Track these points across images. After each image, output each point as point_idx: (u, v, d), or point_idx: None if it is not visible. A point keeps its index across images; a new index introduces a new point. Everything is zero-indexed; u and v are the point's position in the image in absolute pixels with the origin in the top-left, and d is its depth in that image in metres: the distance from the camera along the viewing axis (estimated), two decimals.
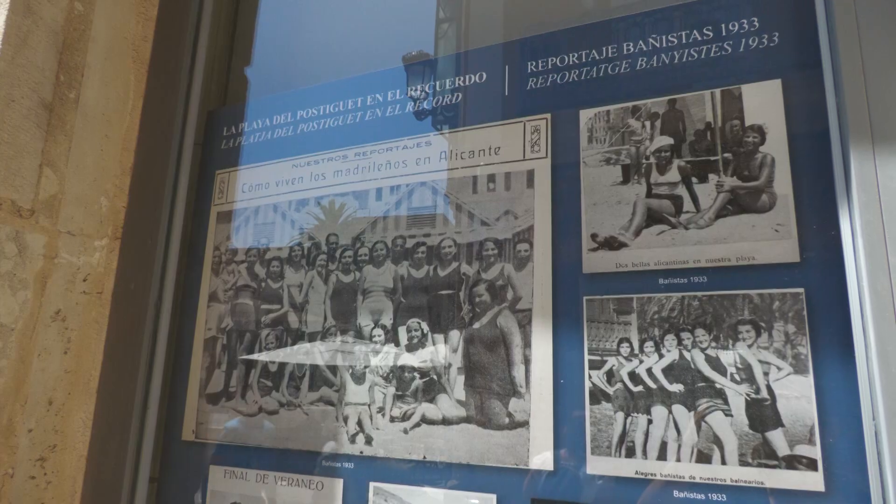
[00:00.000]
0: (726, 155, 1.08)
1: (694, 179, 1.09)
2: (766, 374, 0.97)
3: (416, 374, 1.20)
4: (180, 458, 1.41)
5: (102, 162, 1.51)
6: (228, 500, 1.32)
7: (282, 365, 1.33)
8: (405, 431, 1.18)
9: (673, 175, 1.11)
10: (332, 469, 1.23)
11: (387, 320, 1.25)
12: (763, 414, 0.96)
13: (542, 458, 1.06)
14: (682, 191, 1.09)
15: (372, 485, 1.19)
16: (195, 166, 1.58)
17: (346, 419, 1.24)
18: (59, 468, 1.35)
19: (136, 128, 1.59)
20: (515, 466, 1.08)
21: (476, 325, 1.17)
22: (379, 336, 1.25)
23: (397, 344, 1.23)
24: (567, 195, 1.17)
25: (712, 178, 1.08)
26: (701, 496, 0.97)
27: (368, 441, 1.21)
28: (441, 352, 1.19)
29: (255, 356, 1.37)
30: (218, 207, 1.54)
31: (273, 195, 1.46)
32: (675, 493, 0.98)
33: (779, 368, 0.96)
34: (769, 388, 0.96)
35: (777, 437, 0.94)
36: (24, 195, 1.34)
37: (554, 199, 1.17)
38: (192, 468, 1.39)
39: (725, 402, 0.98)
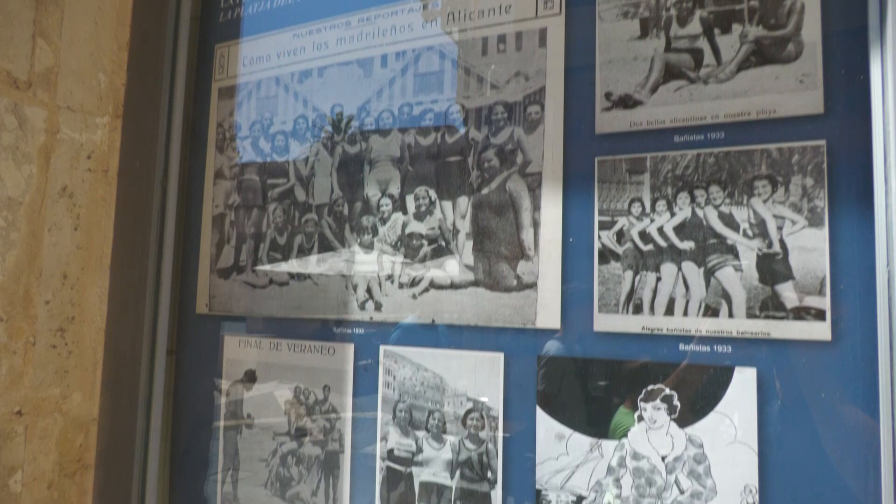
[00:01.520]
0: (752, 2, 1.01)
1: (716, 30, 1.03)
2: (779, 228, 0.95)
3: (424, 241, 1.19)
4: (195, 330, 1.45)
5: (97, 36, 1.45)
6: (244, 368, 1.36)
7: (290, 237, 1.33)
8: (414, 297, 1.19)
9: (694, 27, 1.04)
10: (344, 335, 1.26)
11: (394, 189, 1.23)
12: (773, 268, 0.95)
13: (548, 318, 1.07)
14: (703, 43, 1.03)
15: (382, 348, 1.21)
16: (193, 41, 1.52)
17: (355, 287, 1.25)
18: (79, 339, 1.39)
19: (129, 1, 1.52)
20: (523, 326, 1.09)
21: (485, 191, 1.15)
22: (386, 205, 1.24)
23: (405, 212, 1.22)
24: (581, 53, 1.11)
25: (736, 28, 1.01)
26: (706, 348, 0.98)
27: (378, 307, 1.22)
28: (449, 218, 1.17)
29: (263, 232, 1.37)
30: (219, 83, 1.49)
31: (275, 67, 1.41)
32: (681, 346, 0.99)
33: (793, 222, 0.94)
34: (782, 241, 0.95)
35: (786, 290, 0.93)
36: (19, 66, 1.30)
37: (567, 58, 1.12)
38: (208, 340, 1.42)
39: (736, 257, 0.97)
